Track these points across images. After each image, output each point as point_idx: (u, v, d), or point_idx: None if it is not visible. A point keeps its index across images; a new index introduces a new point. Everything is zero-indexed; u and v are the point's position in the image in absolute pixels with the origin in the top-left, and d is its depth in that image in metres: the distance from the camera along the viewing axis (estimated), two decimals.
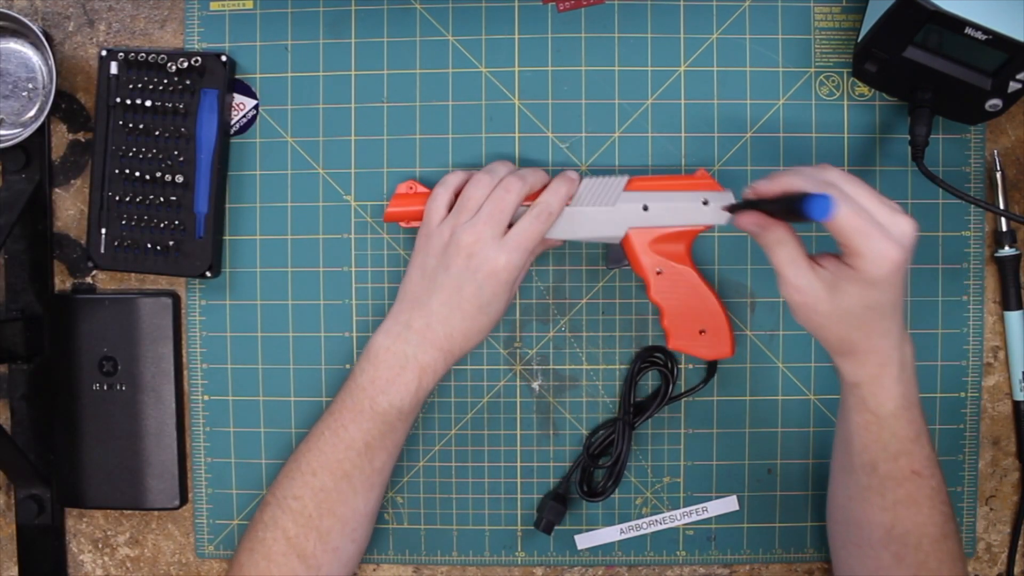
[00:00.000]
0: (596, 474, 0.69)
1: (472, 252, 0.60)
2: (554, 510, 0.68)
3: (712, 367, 0.68)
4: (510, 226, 0.61)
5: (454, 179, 0.63)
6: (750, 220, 0.55)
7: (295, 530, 0.60)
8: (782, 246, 0.54)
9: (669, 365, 0.68)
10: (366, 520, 0.63)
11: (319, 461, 0.61)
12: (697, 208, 0.62)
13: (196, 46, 0.68)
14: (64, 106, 0.69)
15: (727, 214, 0.60)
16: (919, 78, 0.61)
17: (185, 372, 0.70)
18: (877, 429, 0.56)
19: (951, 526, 0.58)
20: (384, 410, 0.61)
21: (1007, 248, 0.67)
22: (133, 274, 0.70)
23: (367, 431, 0.61)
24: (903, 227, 0.51)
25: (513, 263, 0.60)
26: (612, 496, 0.68)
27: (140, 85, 0.66)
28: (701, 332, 0.64)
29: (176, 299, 0.69)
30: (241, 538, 0.63)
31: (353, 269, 0.69)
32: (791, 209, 0.50)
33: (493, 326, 0.63)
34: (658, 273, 0.64)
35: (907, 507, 0.57)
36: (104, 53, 0.66)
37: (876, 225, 0.50)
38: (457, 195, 0.63)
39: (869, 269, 0.50)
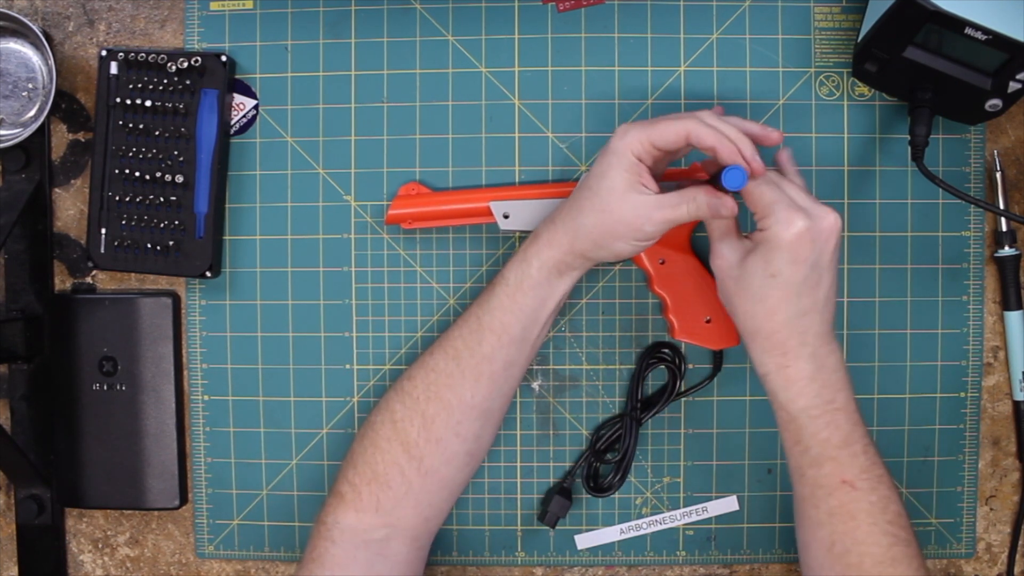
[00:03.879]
0: (603, 469, 0.69)
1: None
2: (559, 504, 0.67)
3: (719, 359, 0.68)
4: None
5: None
6: (710, 196, 0.56)
7: (401, 412, 0.60)
8: (719, 221, 0.58)
9: (677, 361, 0.68)
10: (473, 414, 0.60)
11: (439, 340, 0.61)
12: None
13: (196, 46, 0.68)
14: (64, 106, 0.69)
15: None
16: (919, 78, 0.61)
17: (185, 372, 0.70)
18: (795, 429, 0.56)
19: (901, 550, 0.54)
20: (496, 281, 0.60)
21: (1007, 248, 0.67)
22: (133, 274, 0.70)
23: (479, 304, 0.61)
24: (821, 212, 0.54)
25: (626, 130, 0.56)
26: (616, 493, 0.68)
27: (140, 85, 0.66)
28: (707, 321, 0.65)
29: (176, 299, 0.69)
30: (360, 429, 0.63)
31: (353, 269, 0.69)
32: (714, 182, 0.56)
33: (597, 219, 0.57)
34: (661, 263, 0.64)
35: (842, 520, 0.55)
36: (104, 53, 0.66)
37: (788, 198, 0.54)
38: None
39: (774, 230, 0.54)
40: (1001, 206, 0.67)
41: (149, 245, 0.67)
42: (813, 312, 0.55)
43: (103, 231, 0.67)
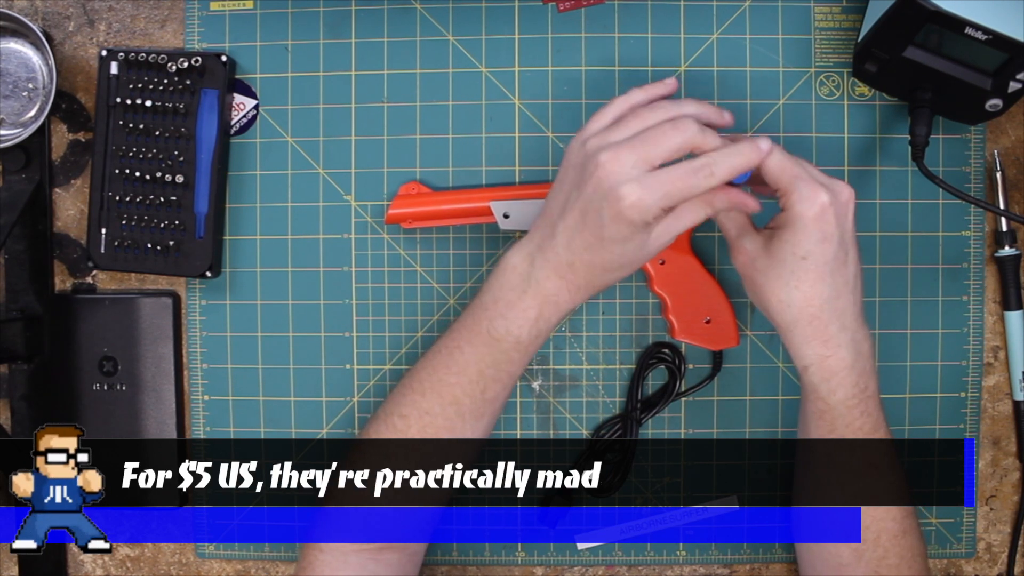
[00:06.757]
0: (603, 470, 0.69)
1: (604, 176, 0.52)
2: (559, 504, 0.68)
3: (719, 359, 0.68)
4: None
5: (639, 96, 0.56)
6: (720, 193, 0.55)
7: (396, 449, 0.59)
8: (731, 218, 0.57)
9: (676, 361, 0.68)
10: (473, 445, 0.60)
11: (430, 381, 0.59)
12: None
13: (196, 46, 0.68)
14: (64, 106, 0.69)
15: None
16: (919, 78, 0.61)
17: (185, 372, 0.70)
18: (831, 419, 0.56)
19: (911, 521, 0.58)
20: (500, 336, 0.57)
21: (1007, 248, 0.67)
22: (133, 274, 0.70)
23: (481, 357, 0.57)
24: (839, 186, 0.54)
25: (644, 204, 0.51)
26: (616, 493, 0.68)
27: (140, 85, 0.66)
28: (706, 322, 0.65)
29: (176, 299, 0.69)
30: (345, 455, 0.61)
31: (353, 269, 0.69)
32: None
33: (625, 267, 0.55)
34: (661, 264, 0.64)
35: (864, 501, 0.57)
36: (104, 53, 0.66)
37: (807, 173, 0.53)
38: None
39: (797, 207, 0.53)
40: (1001, 206, 0.67)
41: (149, 245, 0.67)
42: (846, 292, 0.54)
43: (103, 231, 0.67)
